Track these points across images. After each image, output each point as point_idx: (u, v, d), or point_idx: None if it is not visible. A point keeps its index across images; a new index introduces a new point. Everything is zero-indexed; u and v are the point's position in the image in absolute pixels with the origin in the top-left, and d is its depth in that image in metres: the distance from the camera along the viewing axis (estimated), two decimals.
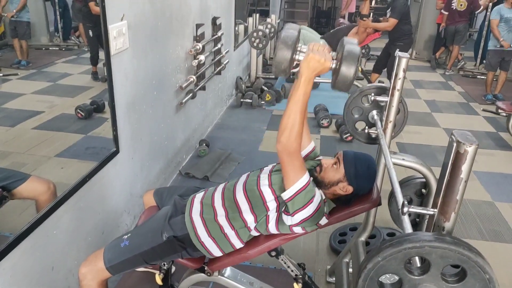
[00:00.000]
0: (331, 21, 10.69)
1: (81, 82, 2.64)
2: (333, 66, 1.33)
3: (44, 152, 2.20)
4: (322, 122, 4.55)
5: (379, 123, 2.01)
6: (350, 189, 1.58)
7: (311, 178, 1.50)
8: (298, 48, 1.41)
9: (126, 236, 1.68)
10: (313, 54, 1.35)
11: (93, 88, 2.65)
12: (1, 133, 2.06)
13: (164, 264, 1.82)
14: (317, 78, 5.32)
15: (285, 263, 1.75)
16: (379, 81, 5.51)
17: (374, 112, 2.12)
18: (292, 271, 1.77)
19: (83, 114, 2.43)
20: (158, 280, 1.83)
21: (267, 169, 1.68)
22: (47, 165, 2.16)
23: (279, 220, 1.55)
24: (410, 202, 2.17)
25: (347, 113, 2.19)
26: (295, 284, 1.75)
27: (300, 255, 2.49)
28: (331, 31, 5.89)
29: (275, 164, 1.72)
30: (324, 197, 1.55)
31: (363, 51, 6.09)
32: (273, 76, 6.26)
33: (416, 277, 1.08)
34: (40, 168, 2.12)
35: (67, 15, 2.62)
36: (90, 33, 2.40)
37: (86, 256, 1.76)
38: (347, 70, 1.28)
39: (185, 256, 1.67)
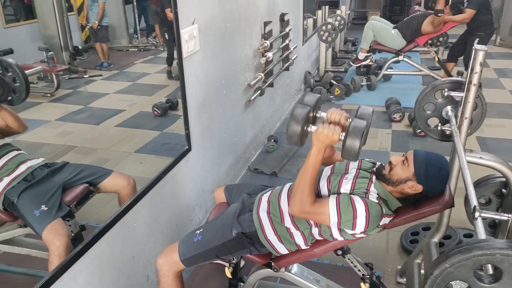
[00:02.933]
0: (405, 8, 10.19)
1: (157, 81, 2.82)
2: (342, 138, 1.48)
3: (125, 148, 2.39)
4: (394, 116, 4.39)
5: (453, 120, 1.92)
6: (419, 188, 1.53)
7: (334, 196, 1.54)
8: (317, 114, 1.64)
9: (198, 231, 1.77)
10: (322, 128, 1.50)
11: (168, 86, 2.82)
12: (88, 131, 2.27)
13: (233, 259, 1.90)
14: (389, 70, 5.14)
15: (351, 262, 1.75)
16: (458, 72, 5.19)
17: (449, 108, 2.03)
18: (359, 270, 1.76)
19: (159, 111, 2.60)
20: (228, 273, 1.91)
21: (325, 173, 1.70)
22: (127, 160, 2.34)
23: (341, 230, 1.57)
24: (488, 203, 2.05)
25: (419, 109, 2.11)
26: (362, 284, 1.74)
27: (368, 253, 2.45)
28: (405, 19, 5.64)
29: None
30: (376, 201, 1.51)
31: (441, 39, 5.78)
32: (343, 70, 6.15)
33: (486, 285, 1.03)
34: (122, 163, 2.30)
35: (146, 18, 2.82)
36: (166, 36, 2.56)
37: (163, 247, 1.88)
38: (351, 144, 1.43)
39: (253, 252, 1.73)
